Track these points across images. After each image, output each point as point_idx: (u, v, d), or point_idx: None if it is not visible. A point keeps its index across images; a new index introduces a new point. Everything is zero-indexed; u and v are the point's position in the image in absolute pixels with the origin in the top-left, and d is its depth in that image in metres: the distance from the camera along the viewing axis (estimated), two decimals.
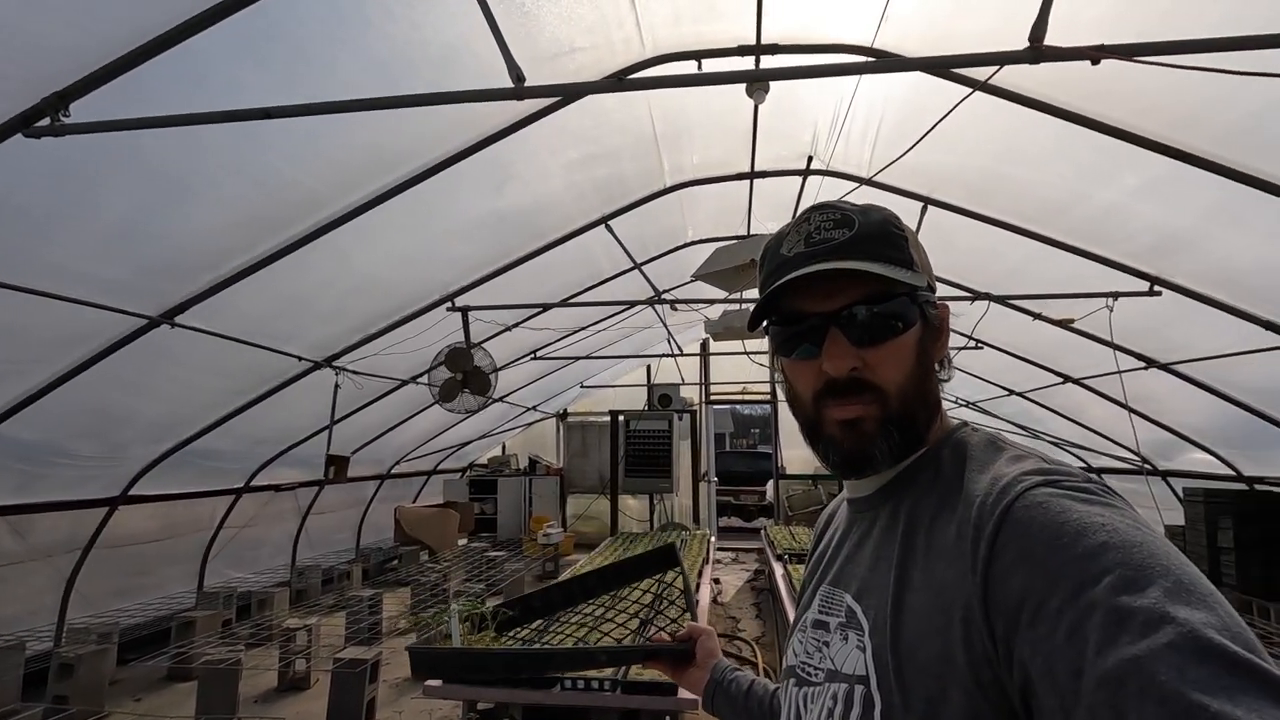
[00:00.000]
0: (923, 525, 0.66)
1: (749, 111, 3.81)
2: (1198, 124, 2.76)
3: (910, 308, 0.70)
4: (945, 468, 0.69)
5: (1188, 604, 0.45)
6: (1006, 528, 0.55)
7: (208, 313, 3.57)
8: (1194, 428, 5.88)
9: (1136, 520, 0.53)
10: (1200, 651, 0.42)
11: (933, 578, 0.61)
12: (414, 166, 3.31)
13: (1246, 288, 3.79)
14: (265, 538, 6.78)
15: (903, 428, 0.69)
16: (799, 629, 0.81)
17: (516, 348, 6.72)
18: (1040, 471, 0.59)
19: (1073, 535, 0.51)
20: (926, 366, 0.71)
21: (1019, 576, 0.52)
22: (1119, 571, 0.48)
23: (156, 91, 2.19)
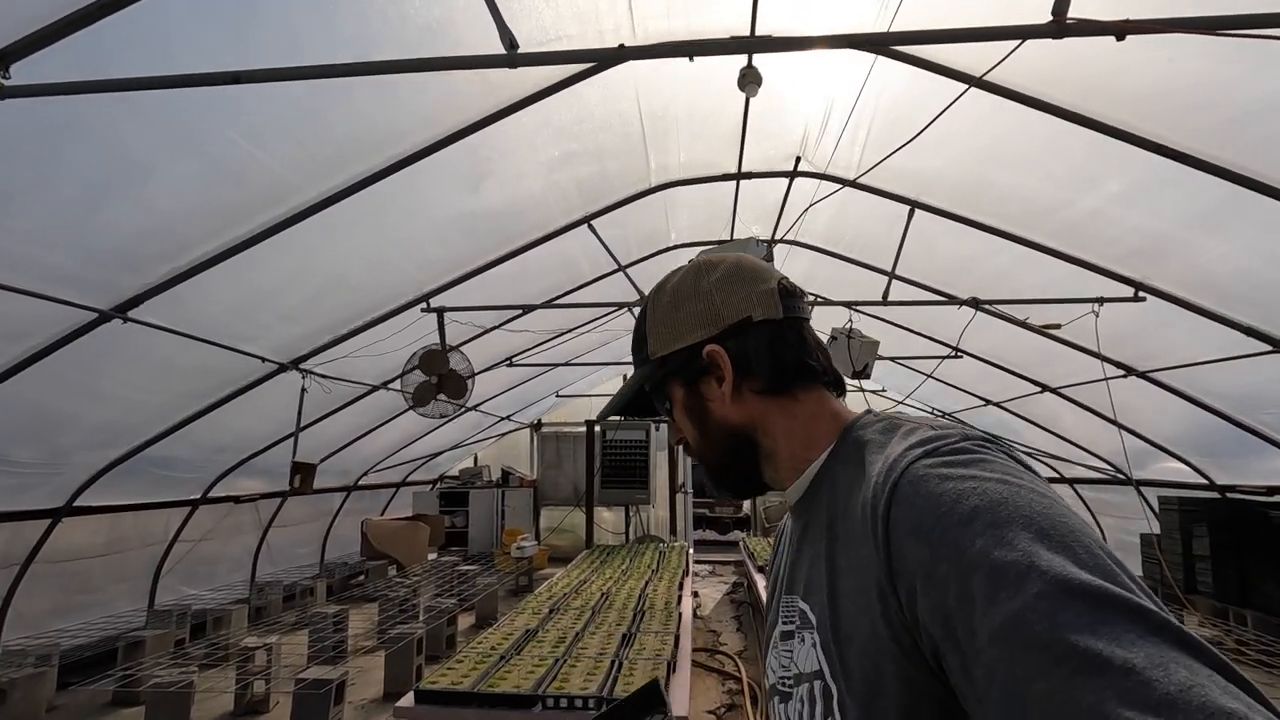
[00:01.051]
0: (840, 513, 0.69)
1: (738, 110, 3.73)
2: (1193, 121, 2.75)
3: (661, 391, 0.83)
4: (851, 456, 0.72)
5: (1050, 549, 0.49)
6: (896, 504, 0.59)
7: (164, 307, 3.34)
8: (1168, 436, 5.95)
9: (1005, 473, 0.57)
10: (1066, 593, 0.46)
11: (853, 561, 0.64)
12: (390, 155, 3.14)
13: (1228, 293, 3.82)
14: (223, 553, 6.44)
15: (716, 472, 0.83)
16: (772, 646, 0.82)
17: (491, 354, 6.53)
18: (922, 443, 0.63)
19: (948, 503, 0.55)
20: (703, 421, 0.81)
21: (911, 548, 0.56)
22: (990, 532, 0.51)
23: (112, 56, 2.00)
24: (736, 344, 0.78)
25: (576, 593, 5.32)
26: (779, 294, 0.80)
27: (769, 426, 0.79)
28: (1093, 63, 2.73)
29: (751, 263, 0.83)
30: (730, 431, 0.79)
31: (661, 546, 8.15)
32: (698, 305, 0.80)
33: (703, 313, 0.80)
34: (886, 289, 4.58)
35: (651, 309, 0.83)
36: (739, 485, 0.83)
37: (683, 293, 0.82)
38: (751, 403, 0.78)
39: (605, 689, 3.00)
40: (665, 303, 0.82)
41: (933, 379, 7.24)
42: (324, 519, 8.16)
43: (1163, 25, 1.52)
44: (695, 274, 0.82)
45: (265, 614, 6.17)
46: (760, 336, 0.78)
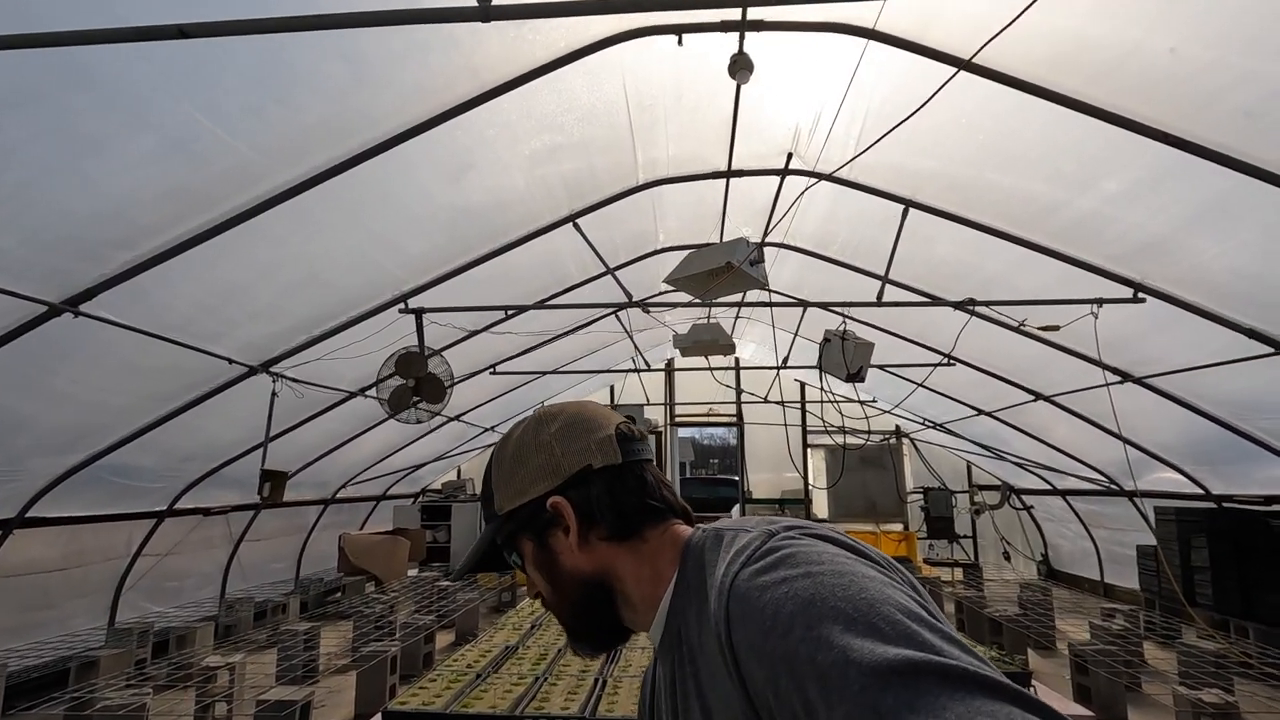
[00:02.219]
0: (697, 647, 0.69)
1: (728, 101, 3.61)
2: (1203, 110, 2.65)
3: (509, 545, 0.82)
4: (693, 583, 0.72)
5: (858, 634, 0.52)
6: (733, 629, 0.60)
7: (121, 301, 3.14)
8: (1163, 445, 5.85)
9: (809, 566, 0.59)
10: (878, 680, 0.48)
11: (720, 692, 0.64)
12: (366, 139, 2.99)
13: (1229, 293, 3.73)
14: (191, 567, 6.16)
15: (573, 625, 0.81)
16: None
17: (474, 361, 6.34)
18: (737, 554, 0.65)
19: (770, 618, 0.56)
20: (553, 572, 0.79)
21: (754, 668, 0.57)
22: (807, 635, 0.53)
23: (41, 12, 1.83)
24: (579, 493, 0.78)
25: None
26: (617, 439, 0.80)
27: (620, 571, 0.78)
28: (1096, 48, 2.63)
29: (591, 410, 0.84)
30: (582, 581, 0.78)
31: None
32: (539, 458, 0.81)
33: (544, 465, 0.81)
34: (881, 291, 4.46)
35: (496, 465, 0.84)
36: (598, 636, 0.81)
37: (525, 446, 0.82)
38: (600, 550, 0.78)
39: (587, 709, 2.80)
40: (509, 457, 0.83)
41: (924, 388, 7.13)
42: (300, 533, 7.88)
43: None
44: (536, 426, 0.83)
45: (234, 632, 5.89)
46: (600, 484, 0.79)
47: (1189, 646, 4.52)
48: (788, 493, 10.47)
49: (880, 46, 2.99)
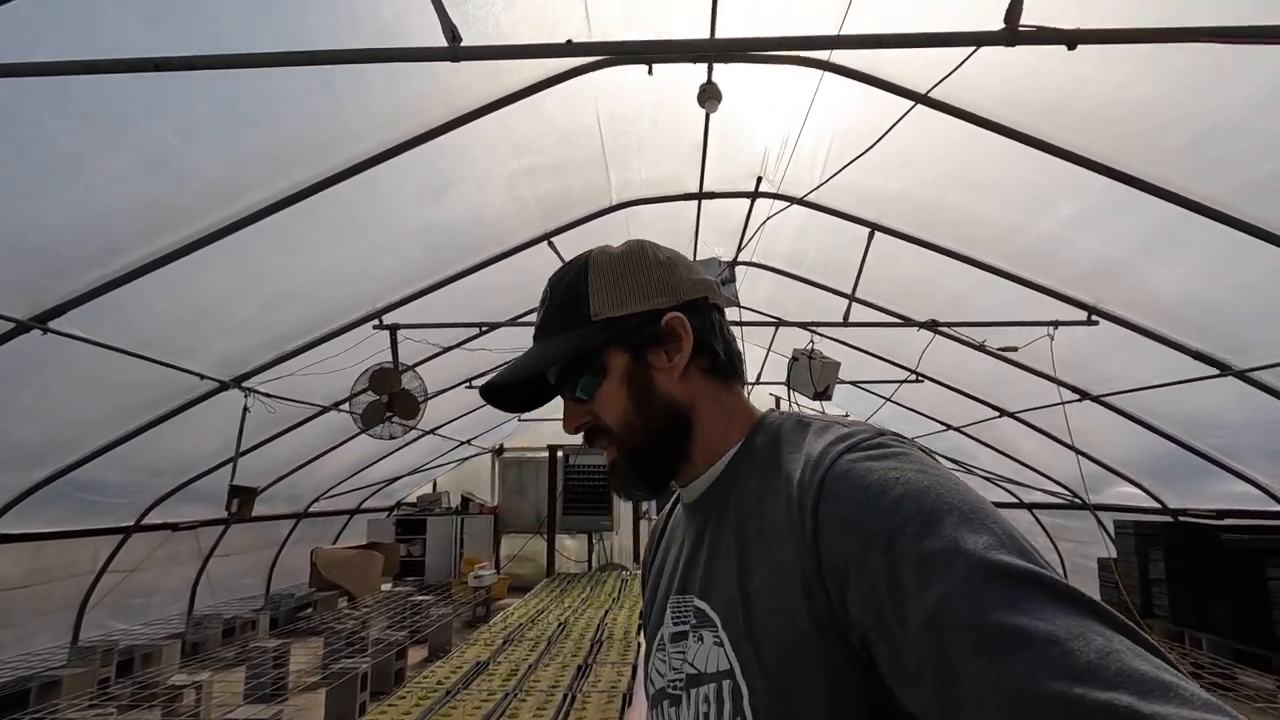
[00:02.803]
0: (751, 511, 0.69)
1: (699, 127, 3.71)
2: (1145, 145, 2.80)
3: (596, 359, 0.76)
4: (760, 453, 0.73)
5: (973, 531, 0.51)
6: (824, 499, 0.60)
7: (92, 318, 3.14)
8: (1122, 460, 6.04)
9: (923, 465, 0.59)
10: (989, 574, 0.48)
11: (770, 558, 0.64)
12: (339, 161, 3.03)
13: (1177, 317, 3.89)
14: (158, 584, 6.07)
15: (639, 459, 0.76)
16: (656, 648, 0.79)
17: (449, 375, 6.35)
18: (842, 438, 0.65)
19: (875, 495, 0.56)
20: (644, 394, 0.75)
21: (841, 541, 0.57)
22: (917, 520, 0.53)
23: (24, 40, 1.87)
24: (696, 319, 0.77)
25: (533, 622, 5.13)
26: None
27: (704, 412, 0.77)
28: (1046, 83, 2.77)
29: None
30: (672, 408, 0.76)
31: (624, 574, 7.96)
32: (657, 273, 0.78)
33: (662, 281, 0.78)
34: (847, 311, 4.58)
35: (594, 272, 0.78)
36: (659, 472, 0.77)
37: (636, 260, 0.79)
38: (695, 383, 0.77)
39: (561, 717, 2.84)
40: (614, 267, 0.78)
41: (892, 403, 7.28)
42: (271, 548, 7.79)
43: (1115, 35, 1.51)
44: (641, 248, 0.80)
45: (201, 649, 5.80)
46: (713, 317, 0.79)
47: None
48: None
49: (840, 78, 3.11)
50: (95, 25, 1.94)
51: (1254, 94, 2.49)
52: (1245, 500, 5.22)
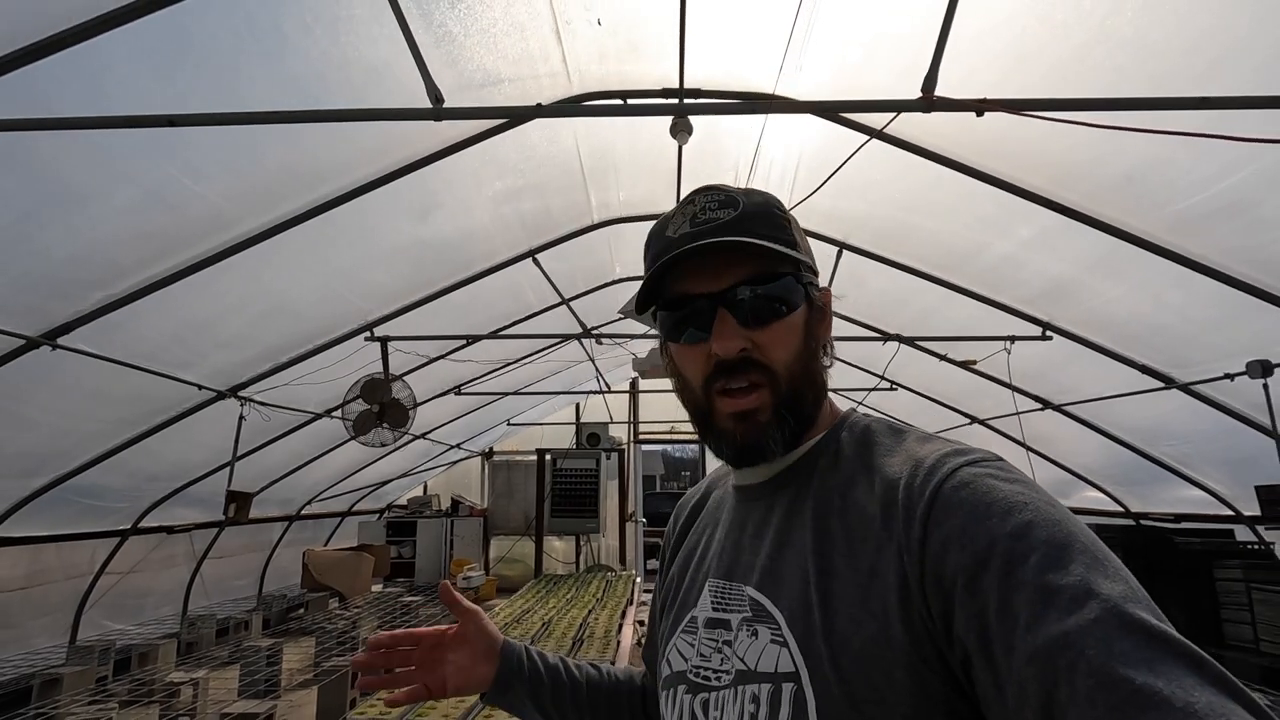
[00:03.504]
0: (834, 509, 0.65)
1: (673, 153, 3.92)
2: (1078, 181, 3.03)
3: (796, 289, 0.70)
4: (847, 450, 0.69)
5: (1108, 578, 0.48)
6: (938, 506, 0.56)
7: (97, 335, 3.31)
8: (1086, 466, 6.29)
9: (1051, 498, 0.56)
10: (1124, 626, 0.45)
11: (859, 561, 0.60)
12: (331, 189, 3.22)
13: (1125, 334, 4.14)
14: (153, 585, 6.23)
15: (794, 411, 0.69)
16: (683, 630, 0.75)
17: (439, 382, 6.54)
18: (958, 452, 0.61)
19: (1001, 513, 0.53)
20: (813, 349, 0.72)
21: (953, 554, 0.54)
22: (1044, 549, 0.50)
23: (46, 93, 2.06)
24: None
25: (518, 622, 5.32)
26: None
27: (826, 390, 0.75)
28: (990, 122, 2.99)
29: None
30: (822, 371, 0.74)
31: (609, 576, 8.16)
32: (808, 245, 0.76)
33: (809, 249, 0.76)
34: None
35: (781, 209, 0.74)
36: (800, 428, 0.71)
37: (793, 218, 0.76)
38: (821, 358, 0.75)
39: None
40: (793, 216, 0.76)
41: (867, 408, 7.51)
42: (263, 550, 7.95)
43: (1016, 106, 1.73)
44: (782, 205, 0.76)
45: (196, 648, 5.96)
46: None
47: None
48: None
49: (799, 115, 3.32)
50: (109, 77, 2.13)
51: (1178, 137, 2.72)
52: (1199, 504, 5.48)
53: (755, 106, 2.46)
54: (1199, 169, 2.71)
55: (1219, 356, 3.75)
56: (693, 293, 0.70)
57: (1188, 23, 2.06)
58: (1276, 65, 1.98)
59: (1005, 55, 2.49)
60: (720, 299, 0.69)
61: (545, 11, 2.68)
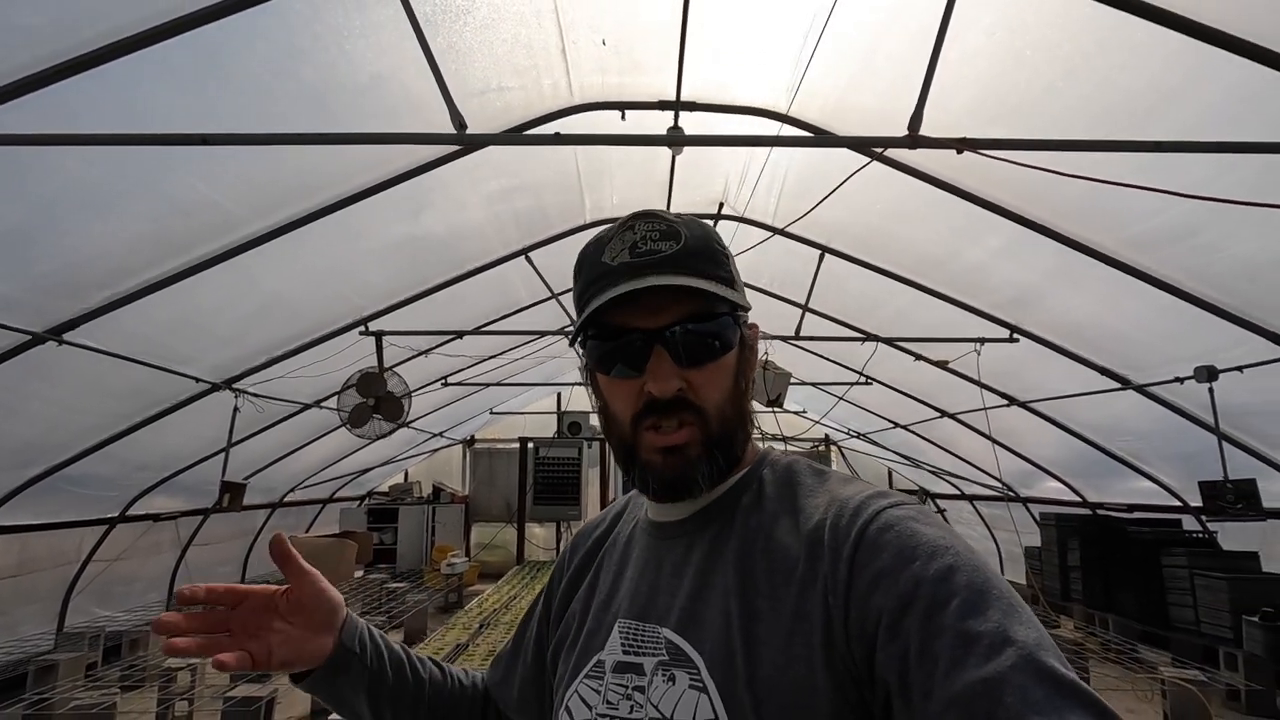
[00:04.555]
0: (757, 549, 0.64)
1: (667, 159, 4.06)
2: (1041, 199, 3.25)
3: (731, 328, 0.69)
4: (769, 489, 0.68)
5: (1022, 624, 0.49)
6: (863, 548, 0.57)
7: (100, 331, 3.38)
8: (1048, 459, 6.63)
9: (968, 544, 0.57)
10: (1038, 674, 0.46)
11: (782, 603, 0.59)
12: (336, 193, 3.31)
13: (1084, 338, 4.41)
14: (139, 572, 6.27)
15: (724, 450, 0.68)
16: (587, 675, 0.70)
17: (427, 373, 6.62)
18: (881, 494, 0.62)
19: (925, 556, 0.54)
20: (742, 388, 0.71)
21: (877, 596, 0.54)
22: (964, 594, 0.51)
23: (77, 108, 2.14)
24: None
25: (506, 608, 5.49)
26: None
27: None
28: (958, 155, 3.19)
29: None
30: (747, 410, 0.72)
31: None
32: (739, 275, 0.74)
33: (741, 284, 0.74)
34: (799, 323, 5.01)
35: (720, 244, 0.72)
36: (726, 467, 0.69)
37: (729, 252, 0.74)
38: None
39: None
40: (729, 251, 0.73)
41: (847, 402, 7.79)
42: (246, 537, 7.99)
43: (992, 144, 1.92)
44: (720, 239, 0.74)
45: None
46: None
47: (1055, 635, 5.25)
48: None
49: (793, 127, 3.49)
50: (137, 92, 2.21)
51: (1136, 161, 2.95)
52: (1150, 496, 5.84)
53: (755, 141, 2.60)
54: (1148, 198, 2.94)
55: (1170, 361, 4.03)
56: (628, 326, 0.67)
57: (1130, 76, 2.27)
58: (1209, 113, 2.21)
59: (983, 89, 2.69)
60: (658, 337, 0.66)
61: (553, 30, 2.80)
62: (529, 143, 2.02)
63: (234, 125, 2.54)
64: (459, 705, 0.87)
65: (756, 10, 2.86)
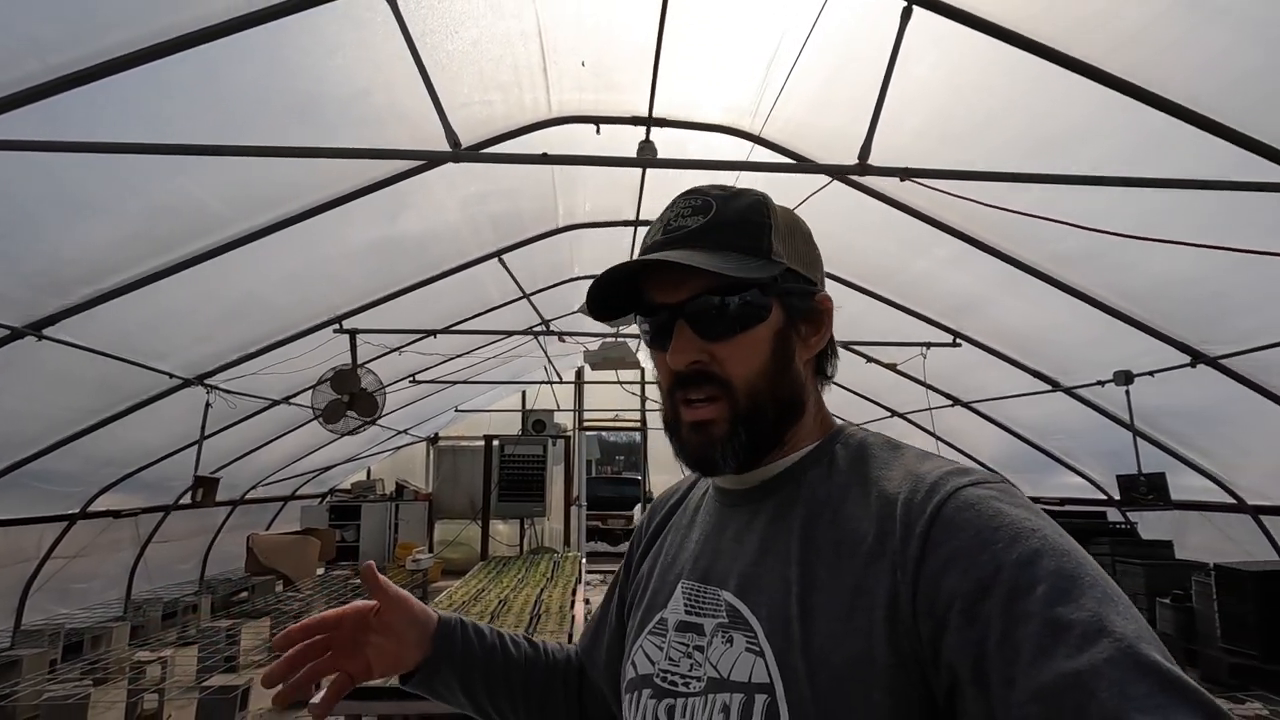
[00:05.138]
0: (824, 520, 0.63)
1: (637, 173, 4.27)
2: (982, 218, 3.56)
3: (762, 299, 0.67)
4: (841, 463, 0.67)
5: (1120, 615, 0.46)
6: (939, 526, 0.55)
7: (79, 327, 3.42)
8: (989, 456, 7.07)
9: (1057, 526, 0.53)
10: (1138, 668, 0.43)
11: (845, 576, 0.58)
12: (324, 195, 3.43)
13: (1020, 344, 4.79)
14: (98, 570, 6.19)
15: (753, 427, 0.67)
16: (651, 631, 0.73)
17: (395, 371, 6.70)
18: (961, 471, 0.60)
19: (1007, 540, 0.51)
20: (784, 360, 0.69)
21: (951, 577, 0.52)
22: (1052, 580, 0.48)
23: (78, 117, 2.23)
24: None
25: (475, 600, 5.62)
26: None
27: (809, 401, 0.72)
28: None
29: None
30: (798, 385, 0.70)
31: (555, 557, 8.52)
32: (814, 249, 0.74)
33: (817, 260, 0.74)
34: None
35: (773, 211, 0.71)
36: (762, 444, 0.69)
37: (801, 225, 0.74)
38: (809, 369, 0.73)
39: None
40: (788, 217, 0.72)
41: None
42: (206, 534, 7.91)
43: (931, 174, 2.18)
44: (795, 216, 0.74)
45: (143, 632, 5.99)
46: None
47: None
48: None
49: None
50: (135, 102, 2.32)
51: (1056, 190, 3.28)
52: (1080, 490, 6.31)
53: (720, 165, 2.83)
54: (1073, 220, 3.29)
55: (1094, 366, 4.42)
56: (658, 302, 0.70)
57: (1050, 119, 2.58)
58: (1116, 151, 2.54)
59: (931, 115, 2.98)
60: (679, 311, 0.68)
61: (536, 51, 2.98)
62: (517, 161, 2.19)
63: (230, 134, 2.65)
64: (553, 679, 0.90)
65: (726, 38, 3.09)
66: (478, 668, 0.83)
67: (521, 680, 0.87)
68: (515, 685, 0.86)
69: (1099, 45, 2.30)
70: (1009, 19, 2.32)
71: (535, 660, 0.90)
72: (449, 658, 0.82)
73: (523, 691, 0.87)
